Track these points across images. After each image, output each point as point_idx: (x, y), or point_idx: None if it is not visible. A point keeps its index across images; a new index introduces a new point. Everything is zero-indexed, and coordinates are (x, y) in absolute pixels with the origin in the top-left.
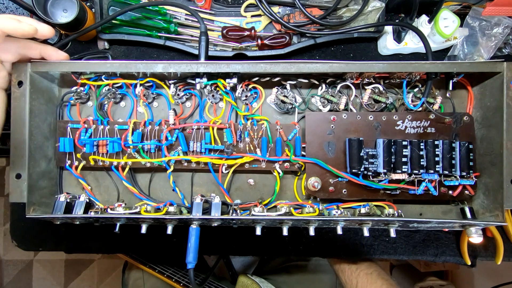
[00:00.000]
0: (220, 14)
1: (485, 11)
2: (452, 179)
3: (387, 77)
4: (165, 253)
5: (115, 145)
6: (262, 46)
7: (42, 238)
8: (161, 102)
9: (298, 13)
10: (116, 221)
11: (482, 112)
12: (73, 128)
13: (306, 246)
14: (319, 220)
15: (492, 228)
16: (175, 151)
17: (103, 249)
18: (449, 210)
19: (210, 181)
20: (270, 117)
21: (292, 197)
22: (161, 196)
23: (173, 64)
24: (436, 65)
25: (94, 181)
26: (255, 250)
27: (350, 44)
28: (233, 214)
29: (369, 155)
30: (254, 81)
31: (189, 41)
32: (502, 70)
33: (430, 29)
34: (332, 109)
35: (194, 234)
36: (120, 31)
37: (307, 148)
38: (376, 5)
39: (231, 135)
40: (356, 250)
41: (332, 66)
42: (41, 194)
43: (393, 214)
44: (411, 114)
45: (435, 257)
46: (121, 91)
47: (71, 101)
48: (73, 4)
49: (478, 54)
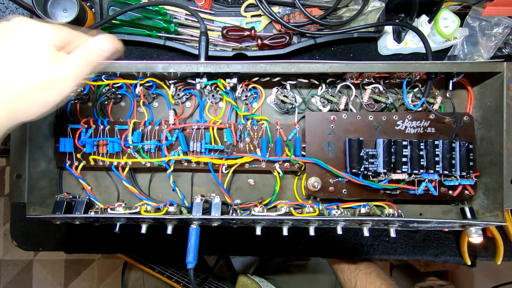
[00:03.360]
0: (220, 14)
1: (485, 11)
2: (452, 179)
3: (387, 77)
4: (165, 253)
5: (115, 145)
6: (262, 46)
7: (42, 238)
8: (161, 102)
9: (298, 13)
10: (116, 221)
11: (482, 112)
12: (73, 128)
13: (306, 246)
14: (319, 220)
15: (492, 228)
16: (175, 151)
17: (103, 249)
18: (449, 210)
19: (210, 181)
20: (270, 117)
21: (292, 197)
22: (161, 196)
23: (173, 64)
24: (436, 65)
25: (94, 181)
26: (255, 250)
27: (350, 44)
28: (233, 214)
29: (369, 155)
30: (254, 81)
31: (189, 41)
32: (502, 70)
33: (430, 29)
34: (332, 109)
35: (194, 234)
36: (120, 31)
37: (307, 148)
38: (376, 5)
39: (231, 135)
40: (356, 250)
41: (332, 66)
42: (41, 194)
43: (393, 214)
44: (411, 114)
45: (435, 257)
46: (121, 91)
47: (71, 101)
48: (73, 4)
49: (478, 54)
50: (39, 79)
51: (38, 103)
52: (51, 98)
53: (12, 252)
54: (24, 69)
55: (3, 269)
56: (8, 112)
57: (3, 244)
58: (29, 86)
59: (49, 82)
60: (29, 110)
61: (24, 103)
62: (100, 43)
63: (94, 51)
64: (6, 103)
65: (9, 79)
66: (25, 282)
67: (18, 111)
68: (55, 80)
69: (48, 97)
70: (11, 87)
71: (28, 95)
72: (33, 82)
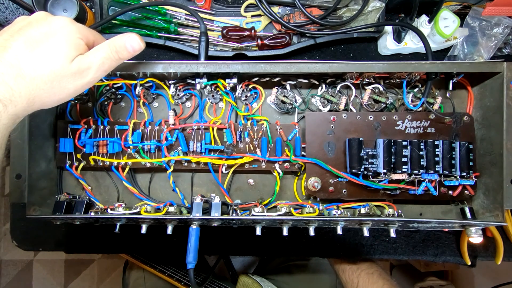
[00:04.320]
0: (220, 14)
1: (485, 11)
2: (452, 179)
3: (387, 77)
4: (165, 253)
5: (115, 145)
6: (262, 46)
7: (42, 238)
8: (161, 102)
9: (298, 13)
10: (116, 221)
11: (482, 112)
12: (73, 128)
13: (306, 246)
14: (319, 220)
15: (492, 228)
16: (175, 151)
17: (103, 249)
18: (449, 210)
19: (210, 181)
20: (270, 117)
21: (292, 197)
22: (161, 196)
23: (173, 64)
24: (436, 65)
25: (94, 181)
26: (255, 250)
27: (350, 44)
28: (233, 214)
29: (369, 155)
30: (254, 81)
31: (189, 41)
32: (502, 70)
33: (430, 29)
34: (332, 109)
35: (194, 234)
36: (120, 31)
37: (307, 148)
38: (376, 5)
39: (231, 135)
40: (356, 250)
41: (332, 66)
42: (41, 194)
43: (393, 214)
44: (411, 114)
45: (435, 257)
46: (121, 91)
47: (71, 101)
48: (73, 4)
49: (478, 54)
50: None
51: (59, 92)
52: (72, 88)
53: (12, 252)
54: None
55: (3, 269)
56: (29, 99)
57: (3, 244)
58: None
59: (70, 73)
60: (49, 99)
61: (45, 91)
62: (131, 40)
63: (122, 46)
64: (28, 90)
65: (32, 67)
66: (25, 282)
67: (40, 97)
68: (76, 71)
69: (68, 87)
70: (33, 75)
71: (50, 84)
72: (54, 71)
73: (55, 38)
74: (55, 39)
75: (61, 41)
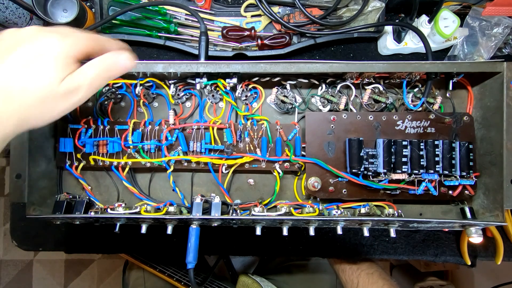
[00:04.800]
0: (220, 14)
1: (485, 11)
2: (452, 179)
3: (387, 77)
4: (165, 253)
5: (115, 145)
6: (262, 46)
7: (42, 238)
8: (161, 102)
9: (298, 13)
10: (116, 221)
11: (482, 112)
12: (73, 128)
13: (306, 246)
14: (319, 220)
15: (492, 228)
16: (175, 151)
17: (103, 249)
18: (449, 210)
19: (210, 181)
20: (270, 117)
21: (292, 197)
22: (161, 196)
23: (173, 64)
24: (436, 65)
25: (94, 181)
26: (255, 250)
27: (350, 44)
28: (233, 214)
29: (369, 155)
30: (254, 81)
31: (189, 41)
32: (502, 70)
33: (430, 29)
34: (332, 109)
35: (194, 234)
36: (120, 31)
37: (307, 148)
38: (376, 5)
39: (231, 135)
40: (356, 250)
41: (332, 66)
42: (41, 194)
43: (393, 214)
44: (411, 114)
45: (435, 257)
46: (121, 91)
47: None
48: (73, 4)
49: (478, 54)
50: (49, 91)
51: (49, 113)
52: (62, 108)
53: (12, 252)
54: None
55: (3, 269)
56: (18, 121)
57: (3, 244)
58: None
59: (60, 94)
60: (38, 119)
61: (35, 113)
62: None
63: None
64: (17, 113)
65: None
66: (25, 282)
67: (29, 119)
68: (65, 92)
69: (58, 108)
70: (22, 98)
71: (39, 106)
72: (43, 94)
73: (44, 59)
74: (43, 60)
75: (49, 63)
